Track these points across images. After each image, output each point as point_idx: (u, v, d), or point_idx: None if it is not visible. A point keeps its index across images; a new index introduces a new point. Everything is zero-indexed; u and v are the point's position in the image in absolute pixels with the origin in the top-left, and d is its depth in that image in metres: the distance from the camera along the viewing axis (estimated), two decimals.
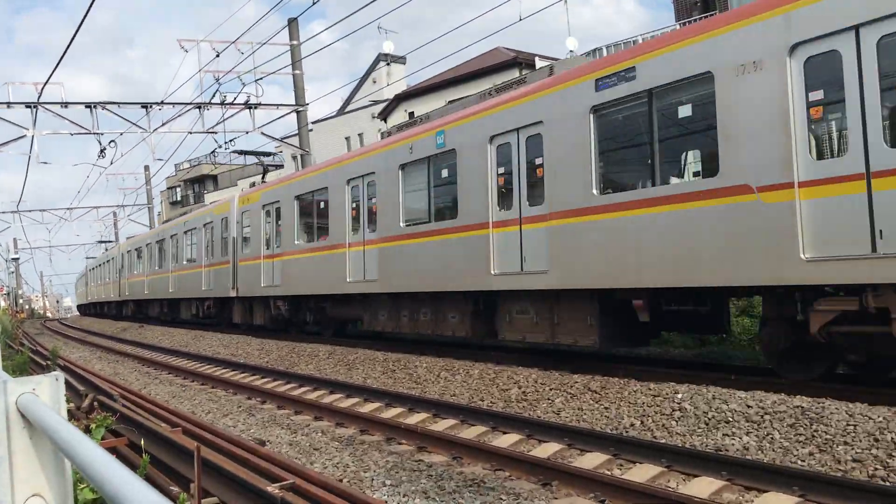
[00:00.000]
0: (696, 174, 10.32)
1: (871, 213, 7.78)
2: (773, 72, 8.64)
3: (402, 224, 15.46)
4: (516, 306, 12.99)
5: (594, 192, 11.03)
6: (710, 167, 9.71)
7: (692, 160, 10.60)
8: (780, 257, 8.52)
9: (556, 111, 11.70)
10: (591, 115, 11.06)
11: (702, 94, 9.62)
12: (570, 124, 11.39)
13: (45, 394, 2.66)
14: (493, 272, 12.78)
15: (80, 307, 73.19)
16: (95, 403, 10.51)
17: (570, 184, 11.41)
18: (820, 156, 8.48)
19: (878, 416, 7.16)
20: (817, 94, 8.40)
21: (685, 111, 9.98)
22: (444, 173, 14.41)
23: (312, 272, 19.12)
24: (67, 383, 12.81)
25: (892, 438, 6.74)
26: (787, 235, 8.45)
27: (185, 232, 30.63)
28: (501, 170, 12.84)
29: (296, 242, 20.20)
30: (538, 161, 12.09)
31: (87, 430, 8.10)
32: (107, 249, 57.27)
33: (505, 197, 12.81)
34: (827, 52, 8.25)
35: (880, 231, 7.68)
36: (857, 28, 7.94)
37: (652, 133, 10.29)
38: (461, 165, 13.72)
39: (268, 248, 21.96)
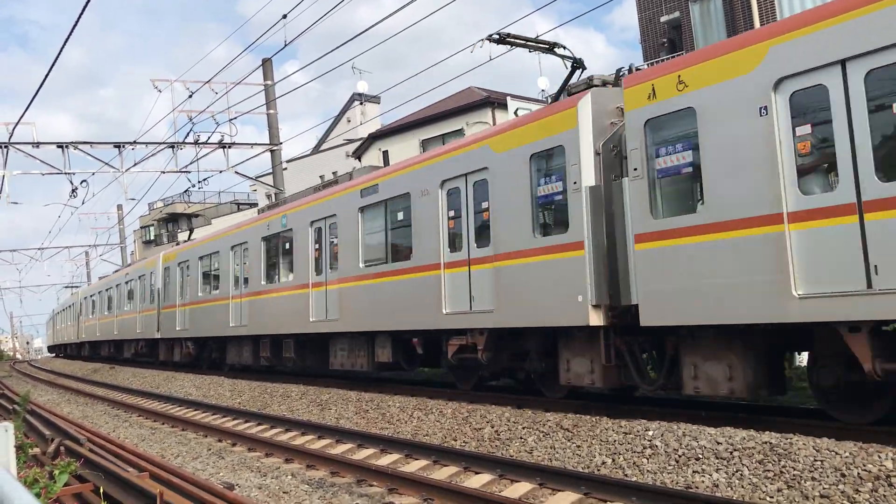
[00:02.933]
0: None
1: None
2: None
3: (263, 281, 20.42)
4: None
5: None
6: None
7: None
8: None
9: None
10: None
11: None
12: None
13: None
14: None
15: (49, 348, 74.40)
16: (61, 448, 10.32)
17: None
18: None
19: (845, 452, 7.21)
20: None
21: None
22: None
23: (210, 317, 23.76)
24: (34, 427, 12.59)
25: (859, 473, 6.79)
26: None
27: (126, 282, 35.62)
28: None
29: (199, 294, 24.97)
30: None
31: (51, 477, 7.96)
32: (72, 294, 59.61)
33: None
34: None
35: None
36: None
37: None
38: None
39: (180, 298, 26.89)
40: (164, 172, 27.78)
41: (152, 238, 72.78)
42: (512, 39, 12.36)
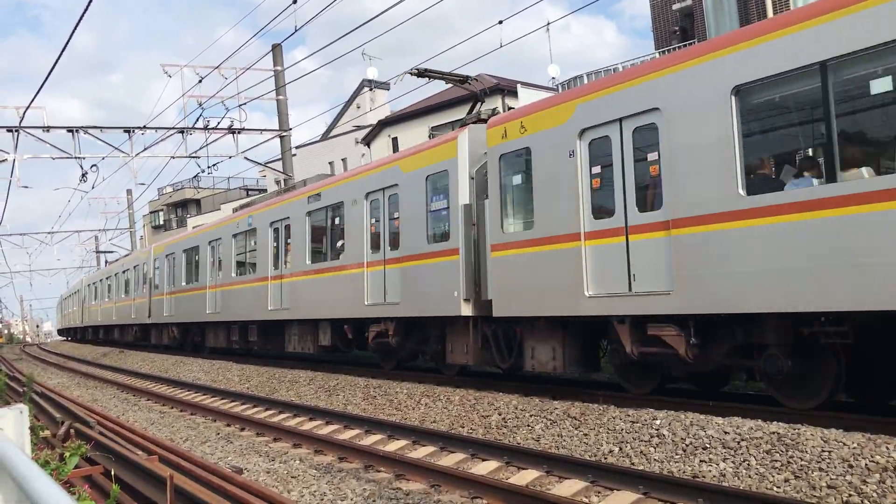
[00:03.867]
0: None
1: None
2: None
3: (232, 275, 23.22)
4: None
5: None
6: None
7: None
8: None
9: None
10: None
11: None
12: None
13: (9, 427, 2.64)
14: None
15: (59, 331, 76.08)
16: (72, 431, 10.41)
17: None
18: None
19: (853, 443, 7.21)
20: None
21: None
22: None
23: (191, 305, 26.67)
24: (44, 410, 12.69)
25: (867, 464, 6.79)
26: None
27: (123, 271, 38.58)
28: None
29: (183, 283, 27.82)
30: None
31: (62, 459, 8.02)
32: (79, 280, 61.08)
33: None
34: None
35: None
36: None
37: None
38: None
39: (167, 287, 29.67)
40: (173, 157, 27.85)
41: (161, 223, 73.01)
42: (430, 73, 15.54)
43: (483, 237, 12.87)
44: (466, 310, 13.03)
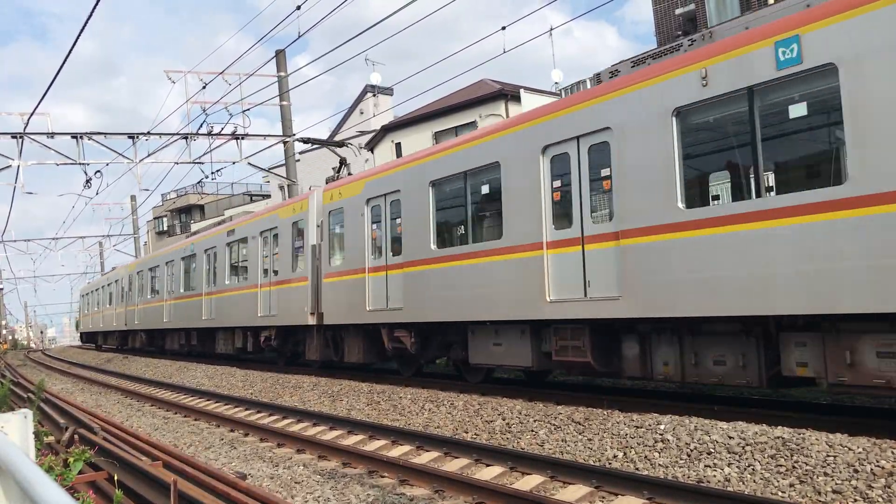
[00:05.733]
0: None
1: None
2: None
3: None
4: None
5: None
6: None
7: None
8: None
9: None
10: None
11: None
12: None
13: (14, 431, 2.64)
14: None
15: (82, 335, 70.56)
16: (76, 436, 10.40)
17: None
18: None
19: (858, 448, 7.19)
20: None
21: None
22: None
23: (154, 315, 32.00)
24: (48, 416, 12.70)
25: (872, 469, 6.77)
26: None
27: (107, 285, 44.20)
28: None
29: (148, 297, 33.27)
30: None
31: (66, 464, 8.02)
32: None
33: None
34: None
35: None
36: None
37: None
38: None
39: (138, 299, 35.36)
40: (177, 163, 27.82)
41: (165, 229, 73.08)
42: (312, 140, 22.89)
43: (321, 268, 17.69)
44: (311, 320, 17.93)
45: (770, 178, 8.90)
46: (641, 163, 9.97)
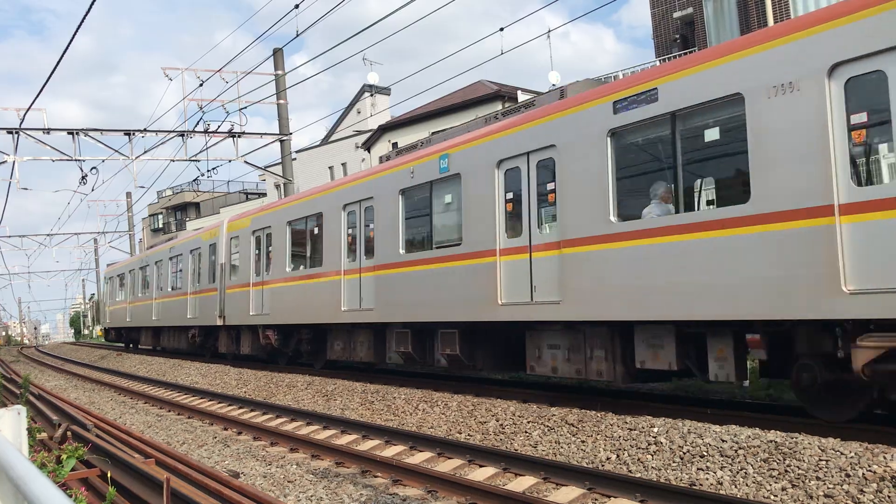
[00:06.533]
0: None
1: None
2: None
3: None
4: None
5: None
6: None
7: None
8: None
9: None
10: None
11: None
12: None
13: (7, 428, 2.64)
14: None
15: (106, 331, 55.48)
16: (69, 433, 10.38)
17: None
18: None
19: (850, 452, 7.21)
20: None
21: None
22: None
23: (142, 312, 34.07)
24: (41, 413, 12.67)
25: (864, 474, 6.78)
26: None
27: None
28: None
29: (139, 295, 35.05)
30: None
31: (59, 461, 8.01)
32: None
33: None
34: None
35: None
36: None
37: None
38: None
39: (121, 298, 38.69)
40: (173, 161, 27.80)
41: (160, 226, 73.00)
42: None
43: (225, 282, 22.74)
44: (220, 322, 23.03)
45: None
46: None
